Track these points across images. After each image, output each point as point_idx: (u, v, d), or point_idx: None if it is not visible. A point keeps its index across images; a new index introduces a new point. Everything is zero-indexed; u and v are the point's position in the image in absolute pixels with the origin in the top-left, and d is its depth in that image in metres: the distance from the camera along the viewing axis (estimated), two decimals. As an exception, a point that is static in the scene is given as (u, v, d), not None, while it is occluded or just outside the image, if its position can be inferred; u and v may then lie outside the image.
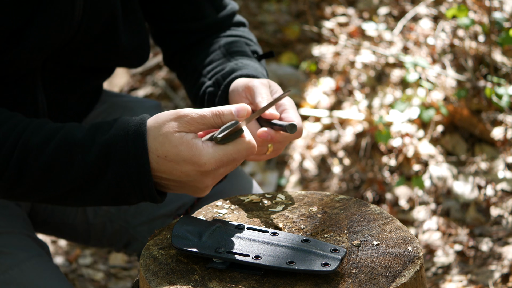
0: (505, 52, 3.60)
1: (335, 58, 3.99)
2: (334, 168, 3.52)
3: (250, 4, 4.53)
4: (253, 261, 1.41)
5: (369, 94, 3.73)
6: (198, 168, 1.50)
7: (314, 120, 3.75)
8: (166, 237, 1.56)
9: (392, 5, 4.19)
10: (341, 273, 1.41)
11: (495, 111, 3.40)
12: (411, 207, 3.24)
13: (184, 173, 1.51)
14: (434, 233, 3.09)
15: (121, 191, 1.53)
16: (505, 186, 3.17)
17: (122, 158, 1.51)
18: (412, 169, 3.35)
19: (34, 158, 1.53)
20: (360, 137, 3.55)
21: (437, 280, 2.85)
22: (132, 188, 1.53)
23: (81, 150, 1.52)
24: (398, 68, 3.80)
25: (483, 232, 3.03)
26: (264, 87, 1.71)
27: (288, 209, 1.63)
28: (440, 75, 3.56)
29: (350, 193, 3.37)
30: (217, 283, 1.40)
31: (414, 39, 3.88)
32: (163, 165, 1.51)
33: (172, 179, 1.53)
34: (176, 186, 1.55)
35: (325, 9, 4.34)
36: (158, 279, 1.42)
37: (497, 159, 3.27)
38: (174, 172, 1.51)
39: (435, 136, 3.43)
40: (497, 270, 2.80)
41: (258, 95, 1.69)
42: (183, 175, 1.51)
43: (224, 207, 1.66)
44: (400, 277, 1.40)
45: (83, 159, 1.52)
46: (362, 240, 1.51)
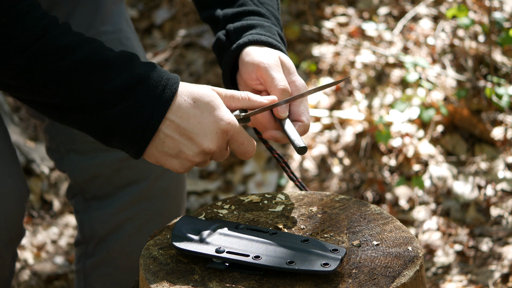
0: (505, 52, 3.60)
1: (335, 58, 3.99)
2: (334, 168, 3.52)
3: (250, 4, 4.53)
4: (253, 261, 1.41)
5: (369, 94, 3.73)
6: (218, 124, 1.50)
7: (314, 120, 3.75)
8: (166, 237, 1.56)
9: (392, 5, 4.19)
10: (341, 273, 1.41)
11: (495, 111, 3.40)
12: (411, 207, 3.24)
13: (200, 125, 1.50)
14: (434, 233, 3.09)
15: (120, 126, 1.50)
16: (505, 186, 3.17)
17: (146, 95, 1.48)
18: (412, 169, 3.35)
19: (55, 58, 1.47)
20: (360, 137, 3.55)
21: (437, 280, 2.85)
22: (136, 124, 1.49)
23: (108, 70, 1.48)
24: (398, 68, 3.80)
25: (483, 232, 3.03)
26: (277, 70, 1.65)
27: (288, 209, 1.63)
28: (440, 75, 3.56)
29: (350, 193, 3.37)
30: (217, 283, 1.40)
31: (414, 39, 3.88)
32: (185, 108, 1.50)
33: (182, 127, 1.49)
34: (172, 145, 1.51)
35: (325, 9, 4.34)
36: (158, 279, 1.42)
37: (497, 159, 3.27)
38: (192, 119, 1.50)
39: (435, 136, 3.43)
40: (497, 270, 2.80)
41: (271, 84, 1.63)
42: (197, 127, 1.50)
43: (224, 207, 1.66)
44: (400, 277, 1.40)
45: (107, 80, 1.48)
46: (362, 240, 1.51)
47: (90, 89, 1.48)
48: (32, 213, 3.47)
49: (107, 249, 2.16)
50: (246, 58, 1.68)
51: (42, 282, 3.12)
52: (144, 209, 2.13)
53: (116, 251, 2.17)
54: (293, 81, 1.66)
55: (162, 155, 1.53)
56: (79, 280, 2.24)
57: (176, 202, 2.18)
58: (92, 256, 2.19)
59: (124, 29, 2.08)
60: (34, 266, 3.18)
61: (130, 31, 2.11)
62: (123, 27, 2.08)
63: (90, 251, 2.19)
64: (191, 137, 1.51)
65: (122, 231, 2.15)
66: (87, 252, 2.20)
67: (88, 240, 2.18)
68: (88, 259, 2.20)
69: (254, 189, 3.54)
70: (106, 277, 2.20)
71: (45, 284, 3.12)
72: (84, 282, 2.23)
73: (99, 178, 2.11)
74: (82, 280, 2.23)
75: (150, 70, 1.51)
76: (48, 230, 3.40)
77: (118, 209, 2.13)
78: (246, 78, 1.69)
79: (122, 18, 2.09)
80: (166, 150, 1.53)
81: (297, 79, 1.67)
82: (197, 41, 4.40)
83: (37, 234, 3.37)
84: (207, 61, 4.25)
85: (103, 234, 2.15)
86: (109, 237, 2.15)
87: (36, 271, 3.16)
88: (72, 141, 2.08)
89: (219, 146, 1.52)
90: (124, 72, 1.49)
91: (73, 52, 1.48)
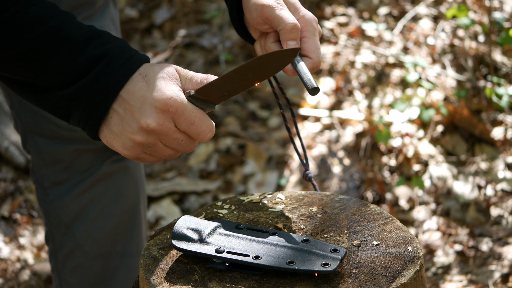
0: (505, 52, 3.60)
1: (335, 58, 3.99)
2: (334, 168, 3.52)
3: (250, 4, 4.53)
4: (253, 261, 1.41)
5: (369, 94, 3.73)
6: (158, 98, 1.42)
7: (314, 120, 3.75)
8: (166, 237, 1.56)
9: (392, 5, 4.19)
10: (341, 273, 1.41)
11: (495, 111, 3.40)
12: (411, 207, 3.24)
13: (143, 98, 1.42)
14: (434, 233, 3.09)
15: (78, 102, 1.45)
16: (505, 186, 3.17)
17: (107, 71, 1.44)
18: (412, 169, 3.35)
19: (22, 32, 1.43)
20: (360, 137, 3.55)
21: (437, 280, 2.85)
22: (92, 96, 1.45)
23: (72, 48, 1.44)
24: (398, 68, 3.80)
25: (483, 232, 3.03)
26: (282, 9, 1.59)
27: (288, 209, 1.63)
28: (440, 75, 3.56)
29: (350, 193, 3.37)
30: (217, 283, 1.40)
31: (414, 39, 3.88)
32: (135, 83, 1.44)
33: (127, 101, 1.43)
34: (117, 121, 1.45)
35: (325, 9, 4.34)
36: (158, 279, 1.42)
37: (497, 159, 3.27)
38: (137, 93, 1.43)
39: (435, 136, 3.43)
40: (497, 270, 2.80)
41: (280, 23, 1.57)
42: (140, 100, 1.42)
43: (224, 207, 1.66)
44: (400, 277, 1.40)
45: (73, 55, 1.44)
46: (362, 240, 1.51)
47: (55, 64, 1.44)
48: (32, 213, 3.47)
49: (74, 237, 2.18)
50: (249, 3, 1.63)
51: (42, 282, 3.12)
52: (103, 190, 2.15)
53: (83, 238, 2.19)
54: (301, 16, 1.61)
55: (110, 134, 1.47)
56: (55, 278, 2.26)
57: (134, 179, 2.19)
58: (61, 247, 2.21)
59: (106, 27, 2.07)
60: (34, 266, 3.18)
61: (112, 27, 2.10)
62: (106, 24, 2.07)
63: (59, 243, 2.21)
64: (132, 112, 1.43)
65: (85, 215, 2.17)
66: (56, 246, 2.22)
67: (55, 232, 2.20)
68: (58, 252, 2.22)
69: (254, 189, 3.54)
70: (78, 269, 2.21)
71: (45, 284, 3.12)
72: (58, 279, 2.24)
73: (60, 164, 2.14)
74: (57, 277, 2.24)
75: (116, 47, 1.47)
76: (48, 230, 3.40)
77: (77, 194, 2.15)
78: (253, 23, 1.64)
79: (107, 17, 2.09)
80: (112, 126, 1.47)
81: (305, 13, 1.62)
82: (197, 41, 4.40)
83: (37, 234, 3.37)
84: (207, 61, 4.26)
85: (68, 221, 2.17)
86: (74, 224, 2.17)
87: (36, 271, 3.16)
88: (36, 124, 2.11)
89: (159, 123, 1.42)
90: (91, 48, 1.45)
91: (42, 25, 1.44)
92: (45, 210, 2.20)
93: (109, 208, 2.17)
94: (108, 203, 2.17)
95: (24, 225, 3.38)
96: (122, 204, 2.18)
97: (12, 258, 3.21)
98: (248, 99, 4.02)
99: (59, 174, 2.15)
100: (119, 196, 2.18)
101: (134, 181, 2.20)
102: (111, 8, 2.12)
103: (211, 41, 4.35)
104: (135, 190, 2.21)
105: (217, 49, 4.26)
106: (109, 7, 2.10)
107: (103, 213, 2.17)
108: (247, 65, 1.47)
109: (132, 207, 2.22)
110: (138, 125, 1.43)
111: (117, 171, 2.18)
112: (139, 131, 1.44)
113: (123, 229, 2.20)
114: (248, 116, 3.95)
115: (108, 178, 2.16)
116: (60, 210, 2.17)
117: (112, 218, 2.19)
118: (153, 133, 1.44)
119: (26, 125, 2.12)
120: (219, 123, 3.91)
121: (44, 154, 2.14)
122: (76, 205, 2.16)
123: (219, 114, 3.96)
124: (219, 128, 3.87)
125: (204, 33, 4.44)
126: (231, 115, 3.95)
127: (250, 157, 3.69)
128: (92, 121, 1.46)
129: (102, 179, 2.15)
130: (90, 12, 2.03)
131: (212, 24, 4.48)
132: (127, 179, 2.18)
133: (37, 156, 2.15)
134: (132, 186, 2.20)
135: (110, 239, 2.20)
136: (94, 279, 2.22)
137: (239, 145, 3.79)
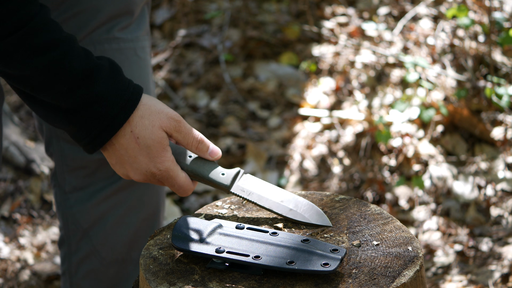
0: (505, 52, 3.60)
1: (335, 58, 3.99)
2: (334, 168, 3.52)
3: (250, 4, 4.53)
4: (253, 261, 1.41)
5: (369, 94, 3.73)
6: (149, 168, 1.58)
7: (314, 120, 3.75)
8: (166, 237, 1.56)
9: (392, 5, 4.19)
10: (341, 273, 1.41)
11: (495, 111, 3.40)
12: (411, 207, 3.24)
13: (134, 159, 1.58)
14: (434, 233, 3.09)
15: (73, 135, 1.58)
16: (505, 186, 3.17)
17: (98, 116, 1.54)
18: (412, 169, 3.35)
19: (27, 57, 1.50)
20: (360, 137, 3.55)
21: (437, 280, 2.85)
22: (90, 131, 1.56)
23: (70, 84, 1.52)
24: (398, 68, 3.80)
25: (483, 232, 3.03)
26: None
27: (288, 209, 1.63)
28: (440, 75, 3.56)
29: (350, 193, 3.37)
30: (217, 283, 1.40)
31: (414, 39, 3.88)
32: (127, 140, 1.57)
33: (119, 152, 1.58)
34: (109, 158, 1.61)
35: (325, 9, 4.34)
36: (158, 279, 1.42)
37: (497, 159, 3.27)
38: (130, 151, 1.57)
39: (435, 136, 3.43)
40: (497, 270, 2.80)
41: None
42: (131, 159, 1.58)
43: (224, 207, 1.66)
44: (400, 277, 1.40)
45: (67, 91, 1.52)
46: (362, 240, 1.51)
47: (53, 94, 1.53)
48: (32, 213, 3.47)
49: (92, 243, 2.17)
50: None
51: (42, 282, 3.12)
52: (125, 198, 2.15)
53: (101, 244, 2.18)
54: None
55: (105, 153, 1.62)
56: (65, 282, 2.24)
57: (155, 189, 2.19)
58: (77, 252, 2.20)
59: (141, 37, 2.07)
60: (34, 266, 3.18)
61: (146, 37, 2.10)
62: (142, 35, 2.07)
63: (74, 247, 2.19)
64: (122, 161, 1.58)
65: (105, 221, 2.16)
66: (71, 250, 2.20)
67: (72, 236, 2.19)
68: (73, 256, 2.20)
69: (254, 189, 3.53)
70: (92, 273, 2.20)
71: (45, 284, 3.12)
72: (70, 282, 2.23)
73: (83, 170, 2.13)
74: (68, 281, 2.23)
75: (109, 89, 1.54)
76: (48, 230, 3.40)
77: (99, 200, 2.14)
78: None
79: (143, 28, 2.08)
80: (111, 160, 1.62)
81: None
82: (197, 41, 4.40)
83: (37, 234, 3.37)
84: (207, 61, 4.25)
85: (87, 227, 2.16)
86: (92, 229, 2.16)
87: (36, 271, 3.16)
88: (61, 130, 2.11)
89: (146, 180, 1.60)
90: (84, 88, 1.53)
91: (45, 53, 1.50)
92: (63, 214, 2.18)
93: (129, 216, 2.16)
94: (128, 211, 2.16)
95: (24, 225, 3.38)
96: (142, 213, 2.17)
97: (12, 258, 3.21)
98: (248, 99, 4.02)
99: (81, 179, 2.14)
100: (140, 205, 2.17)
101: (156, 191, 2.19)
102: (147, 17, 2.11)
103: (211, 41, 4.35)
104: (156, 200, 2.20)
105: (217, 49, 4.26)
106: (145, 17, 2.09)
107: (122, 220, 2.16)
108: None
109: (152, 215, 2.21)
110: (125, 173, 1.61)
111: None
112: (124, 176, 1.62)
113: (141, 236, 2.19)
114: (248, 116, 3.95)
115: (130, 186, 2.15)
116: (80, 215, 2.16)
117: (131, 226, 2.18)
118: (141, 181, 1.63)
119: (52, 128, 2.11)
120: (219, 123, 3.91)
121: (69, 160, 2.12)
122: (96, 211, 2.16)
123: (219, 114, 3.96)
124: (219, 128, 3.87)
125: (204, 33, 4.44)
126: (231, 115, 3.95)
127: (250, 157, 3.69)
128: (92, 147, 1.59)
129: (125, 187, 2.15)
130: (128, 22, 2.02)
131: (212, 24, 4.48)
132: (150, 188, 2.17)
133: (60, 161, 2.13)
134: (153, 196, 2.19)
135: (127, 246, 2.19)
136: (107, 284, 2.21)
137: (239, 145, 3.78)
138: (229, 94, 4.03)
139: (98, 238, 2.17)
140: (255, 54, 4.25)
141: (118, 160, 1.59)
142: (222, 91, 4.06)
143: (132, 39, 2.04)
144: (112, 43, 2.00)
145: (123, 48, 2.02)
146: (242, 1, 4.54)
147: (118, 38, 2.01)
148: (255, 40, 4.30)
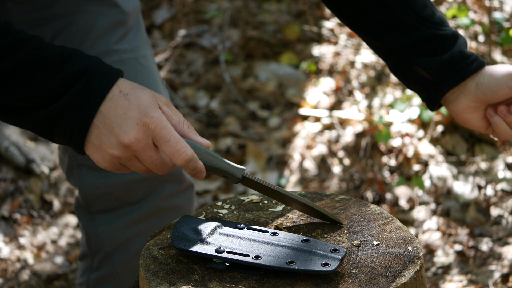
0: (505, 52, 3.60)
1: (335, 58, 3.99)
2: (334, 168, 3.52)
3: (250, 4, 4.54)
4: (253, 261, 1.41)
5: (369, 94, 3.73)
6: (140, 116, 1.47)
7: (314, 120, 3.76)
8: (166, 237, 1.56)
9: (392, 5, 4.19)
10: (341, 273, 1.41)
11: (495, 111, 3.40)
12: (411, 207, 3.24)
13: (124, 115, 1.47)
14: (434, 233, 3.09)
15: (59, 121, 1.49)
16: (505, 186, 3.17)
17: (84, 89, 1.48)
18: (412, 169, 3.35)
19: None
20: (360, 137, 3.55)
21: (437, 280, 2.85)
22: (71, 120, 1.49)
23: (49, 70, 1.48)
24: (398, 68, 3.80)
25: (483, 232, 3.03)
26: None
27: (288, 209, 1.63)
28: (440, 75, 3.55)
29: (350, 193, 3.37)
30: (217, 283, 1.40)
31: (414, 39, 3.87)
32: (116, 100, 1.48)
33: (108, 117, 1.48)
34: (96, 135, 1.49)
35: (325, 9, 4.34)
36: (158, 279, 1.42)
37: (497, 159, 3.27)
38: (118, 110, 1.47)
39: (435, 136, 3.43)
40: (497, 270, 2.80)
41: None
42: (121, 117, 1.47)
43: (224, 207, 1.66)
44: (400, 277, 1.40)
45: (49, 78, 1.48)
46: (362, 240, 1.51)
47: (35, 87, 1.48)
48: (32, 213, 3.47)
49: (113, 265, 2.14)
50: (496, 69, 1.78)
51: (42, 282, 3.12)
52: (153, 225, 2.08)
53: (122, 268, 2.14)
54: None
55: (91, 147, 1.51)
56: None
57: None
58: (97, 270, 2.17)
59: (141, 46, 2.06)
60: (34, 266, 3.18)
61: (146, 46, 2.09)
62: (141, 44, 2.06)
63: (96, 264, 2.16)
64: (112, 127, 1.48)
65: (129, 247, 2.12)
66: (93, 266, 2.17)
67: (94, 253, 2.16)
68: (93, 273, 2.17)
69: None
70: None
71: (45, 284, 3.12)
72: None
73: (109, 196, 2.08)
74: None
75: (92, 64, 1.50)
76: (48, 230, 3.40)
77: (126, 225, 2.10)
78: (496, 90, 1.79)
79: (140, 33, 2.07)
80: (92, 140, 1.50)
81: None
82: (197, 41, 4.40)
83: (37, 234, 3.37)
84: (207, 61, 4.26)
85: (110, 250, 2.12)
86: (116, 253, 2.13)
87: (36, 271, 3.16)
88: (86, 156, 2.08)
89: (138, 139, 1.47)
90: (68, 67, 1.49)
91: (14, 52, 1.48)
92: (87, 232, 2.14)
93: None
94: None
95: (24, 225, 3.38)
96: None
97: (12, 258, 3.21)
98: (248, 99, 4.02)
99: (108, 203, 2.09)
100: None
101: None
102: (143, 27, 2.10)
103: (211, 41, 4.35)
104: None
105: (217, 49, 4.26)
106: (141, 27, 2.08)
107: None
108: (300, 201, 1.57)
109: None
110: (117, 141, 1.48)
111: (170, 209, 2.12)
112: (117, 146, 1.48)
113: None
114: (248, 116, 3.95)
115: (159, 214, 2.10)
116: (104, 237, 2.12)
117: None
118: (130, 148, 1.48)
119: (73, 157, 2.06)
120: (219, 123, 3.91)
121: (92, 189, 2.07)
122: (122, 236, 2.11)
123: (219, 114, 3.96)
124: (219, 128, 3.87)
125: (204, 33, 4.44)
126: (231, 115, 3.95)
127: (250, 157, 3.69)
128: (76, 138, 1.50)
129: (153, 214, 2.09)
130: (123, 32, 2.01)
131: (212, 24, 4.48)
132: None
133: (83, 191, 2.08)
134: None
135: None
136: None
137: (239, 145, 3.79)
138: (229, 94, 4.03)
139: (120, 262, 2.13)
140: (255, 54, 4.25)
141: (107, 130, 1.48)
142: (222, 91, 4.06)
143: (131, 49, 2.03)
144: (113, 55, 1.99)
145: (124, 58, 2.01)
146: (242, 1, 4.54)
147: (117, 50, 2.00)
148: (255, 40, 4.30)
